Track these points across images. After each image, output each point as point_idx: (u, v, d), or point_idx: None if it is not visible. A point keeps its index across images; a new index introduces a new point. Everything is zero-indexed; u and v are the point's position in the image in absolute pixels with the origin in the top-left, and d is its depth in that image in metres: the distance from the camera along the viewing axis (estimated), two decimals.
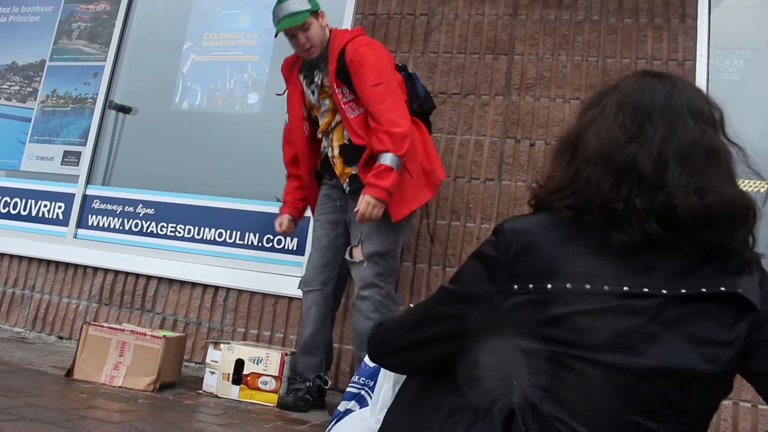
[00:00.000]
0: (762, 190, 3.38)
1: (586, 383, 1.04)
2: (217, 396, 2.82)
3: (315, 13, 2.88)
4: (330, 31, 2.95)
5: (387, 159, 2.66)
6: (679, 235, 1.07)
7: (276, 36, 2.91)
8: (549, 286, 1.07)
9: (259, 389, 2.81)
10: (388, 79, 2.79)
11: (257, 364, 2.83)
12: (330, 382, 2.98)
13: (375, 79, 2.75)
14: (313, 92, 2.96)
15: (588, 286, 1.06)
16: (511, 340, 1.09)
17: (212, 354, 2.91)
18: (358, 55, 2.79)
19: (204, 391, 2.87)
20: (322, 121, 2.94)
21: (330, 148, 2.93)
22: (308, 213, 3.22)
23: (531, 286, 1.08)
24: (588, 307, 1.05)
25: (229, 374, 2.85)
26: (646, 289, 1.06)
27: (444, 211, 3.40)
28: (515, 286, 1.09)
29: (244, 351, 2.87)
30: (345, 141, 2.88)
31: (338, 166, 2.90)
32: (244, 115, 4.04)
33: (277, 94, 3.15)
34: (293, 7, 2.84)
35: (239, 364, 2.85)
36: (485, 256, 1.15)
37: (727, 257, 1.10)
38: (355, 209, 2.67)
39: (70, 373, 2.72)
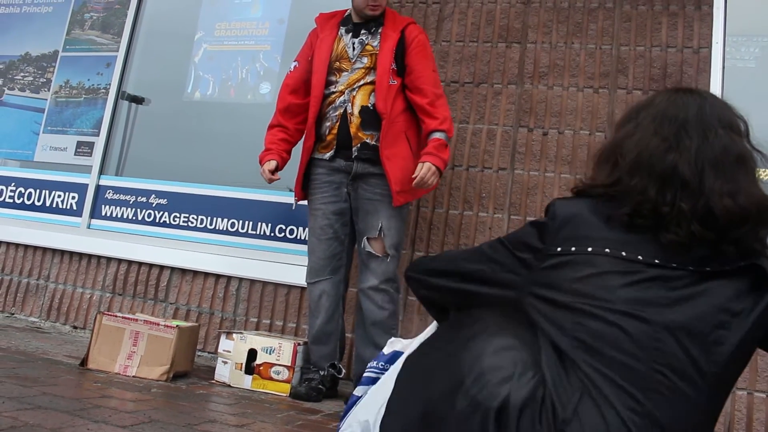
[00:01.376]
0: None
1: (615, 333, 1.15)
2: (229, 386, 2.83)
3: None
4: (385, 7, 3.04)
5: (442, 136, 2.83)
6: (717, 234, 1.20)
7: None
8: (589, 249, 1.23)
9: (271, 379, 2.82)
10: (438, 74, 3.05)
11: (270, 354, 2.84)
12: (344, 371, 2.99)
13: (434, 66, 3.00)
14: (353, 46, 2.97)
15: (624, 254, 1.21)
16: (547, 294, 1.25)
17: (225, 344, 2.92)
18: (423, 38, 3.00)
19: (216, 381, 2.88)
20: (351, 77, 2.92)
21: (351, 105, 2.90)
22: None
23: (573, 248, 1.25)
24: (621, 269, 1.20)
25: (241, 364, 2.86)
26: (674, 264, 1.20)
27: (456, 200, 3.39)
28: (559, 248, 1.26)
29: (257, 341, 2.88)
30: (369, 104, 2.89)
31: (354, 126, 2.88)
32: (256, 104, 4.03)
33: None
34: None
35: (252, 354, 2.86)
36: (538, 222, 1.34)
37: (755, 253, 1.23)
38: (414, 175, 2.75)
39: (84, 362, 2.74)
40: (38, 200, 4.36)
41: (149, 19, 4.45)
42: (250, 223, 3.79)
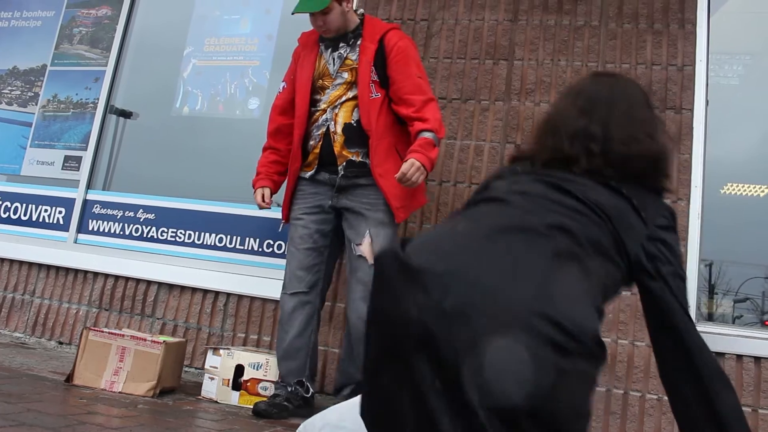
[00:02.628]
0: (762, 194, 3.39)
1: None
2: (216, 402, 2.82)
3: None
4: (363, 16, 2.98)
5: (430, 135, 2.73)
6: (615, 172, 1.55)
7: (293, 14, 2.91)
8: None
9: (259, 395, 2.81)
10: (425, 75, 2.94)
11: (257, 369, 2.83)
12: (312, 390, 2.86)
13: (418, 71, 2.87)
14: (333, 61, 2.92)
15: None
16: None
17: (211, 360, 2.91)
18: (403, 44, 2.88)
19: (203, 397, 2.86)
20: (333, 93, 2.88)
21: (333, 123, 2.86)
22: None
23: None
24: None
25: (228, 380, 2.84)
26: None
27: (444, 215, 3.40)
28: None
29: (244, 356, 2.87)
30: (352, 121, 2.84)
31: (338, 144, 2.84)
32: (245, 120, 4.04)
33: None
34: None
35: (239, 369, 2.85)
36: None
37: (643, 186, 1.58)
38: (402, 170, 2.66)
39: (70, 378, 2.72)
40: (25, 214, 4.33)
41: (138, 34, 4.46)
42: (238, 238, 3.78)
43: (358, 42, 2.90)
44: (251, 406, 2.77)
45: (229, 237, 3.80)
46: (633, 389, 3.00)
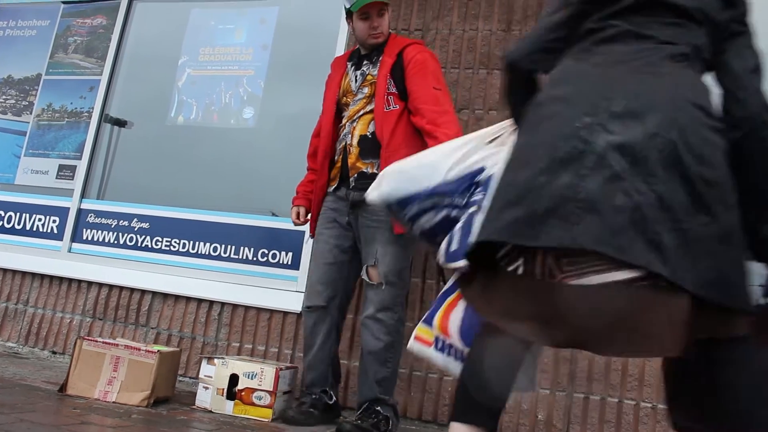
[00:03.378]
0: None
1: None
2: (211, 411, 2.81)
3: (387, 4, 2.99)
4: (390, 34, 3.06)
5: None
6: None
7: (354, 8, 2.94)
8: None
9: (253, 404, 2.80)
10: (446, 89, 2.94)
11: (252, 379, 2.82)
12: (335, 398, 2.96)
13: (436, 83, 2.87)
14: (356, 78, 2.99)
15: None
16: None
17: (206, 369, 2.90)
18: (422, 56, 2.92)
19: (198, 407, 2.85)
20: (353, 108, 2.95)
21: (350, 136, 2.92)
22: (303, 228, 3.23)
23: None
24: None
25: (223, 389, 2.84)
26: None
27: None
28: None
29: (239, 366, 2.86)
30: (368, 132, 2.89)
31: (352, 156, 2.90)
32: (240, 129, 4.05)
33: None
34: None
35: (233, 379, 2.84)
36: None
37: None
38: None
39: (63, 388, 2.71)
40: (18, 224, 4.33)
41: (133, 44, 4.47)
42: (233, 247, 3.78)
43: (380, 58, 2.96)
44: (245, 416, 2.77)
45: (223, 246, 3.80)
46: (627, 398, 3.01)
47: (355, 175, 2.88)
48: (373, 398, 2.75)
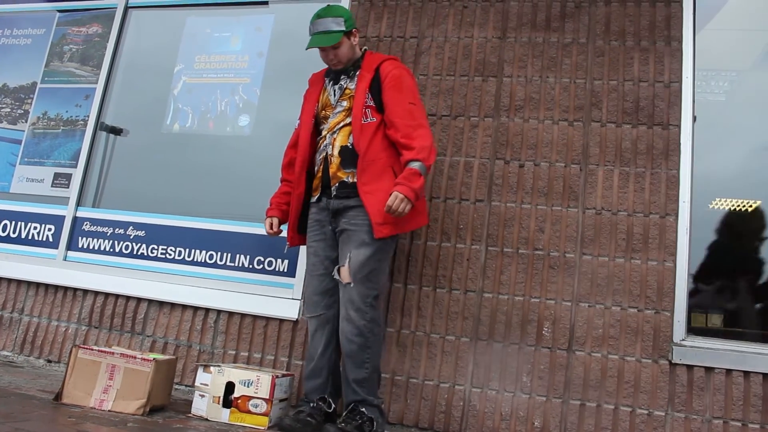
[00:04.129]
0: (750, 209, 3.41)
1: None
2: (207, 419, 2.80)
3: (349, 33, 3.03)
4: (365, 51, 3.13)
5: (416, 165, 2.79)
6: None
7: (307, 49, 3.06)
8: None
9: (249, 412, 2.80)
10: (420, 104, 3.01)
11: (248, 386, 2.82)
12: (334, 406, 2.95)
13: (411, 98, 2.95)
14: (334, 92, 3.05)
15: None
16: None
17: (202, 377, 2.90)
18: (397, 72, 2.98)
19: (194, 415, 2.85)
20: (333, 120, 3.01)
21: (331, 146, 2.98)
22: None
23: None
24: None
25: (219, 397, 2.83)
26: None
27: (434, 232, 3.41)
28: None
29: (235, 374, 2.86)
30: (348, 143, 2.94)
31: (333, 166, 2.96)
32: (235, 137, 4.05)
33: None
34: (329, 26, 3.01)
35: (229, 386, 2.84)
36: None
37: None
38: (387, 203, 2.74)
39: (58, 397, 2.70)
40: (14, 232, 4.32)
41: (129, 52, 4.47)
42: (229, 254, 3.78)
43: (357, 73, 3.03)
44: (241, 424, 2.76)
45: (219, 254, 3.80)
46: (623, 404, 3.01)
47: (337, 184, 2.95)
48: (357, 399, 2.77)
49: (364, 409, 2.76)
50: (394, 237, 2.93)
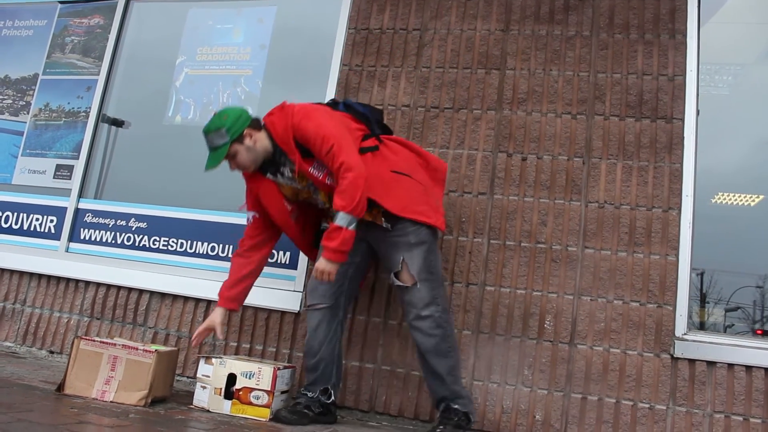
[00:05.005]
0: (753, 203, 3.41)
1: None
2: (208, 411, 2.81)
3: (239, 137, 2.87)
4: (269, 131, 2.92)
5: (337, 218, 2.67)
6: None
7: (206, 171, 2.98)
8: None
9: (251, 404, 2.80)
10: (331, 136, 2.75)
11: (249, 378, 2.82)
12: (334, 398, 2.95)
13: (323, 144, 2.73)
14: (292, 181, 2.96)
15: None
16: None
17: (203, 368, 2.90)
18: (301, 131, 2.79)
19: (195, 406, 2.85)
20: (322, 194, 2.95)
21: (324, 203, 2.98)
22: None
23: None
24: None
25: (221, 389, 2.83)
26: None
27: None
28: None
29: (237, 365, 2.86)
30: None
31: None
32: None
33: (240, 208, 3.21)
34: (215, 141, 2.91)
35: (231, 378, 2.84)
36: None
37: None
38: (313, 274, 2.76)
39: (61, 388, 2.70)
40: (16, 223, 4.32)
41: (130, 43, 4.46)
42: (231, 246, 3.78)
43: (285, 158, 2.91)
44: (243, 415, 2.76)
45: (221, 246, 3.80)
46: (625, 398, 3.01)
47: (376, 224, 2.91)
48: (446, 395, 2.78)
49: (456, 406, 2.77)
50: (434, 229, 2.91)
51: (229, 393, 2.83)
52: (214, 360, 2.89)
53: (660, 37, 3.37)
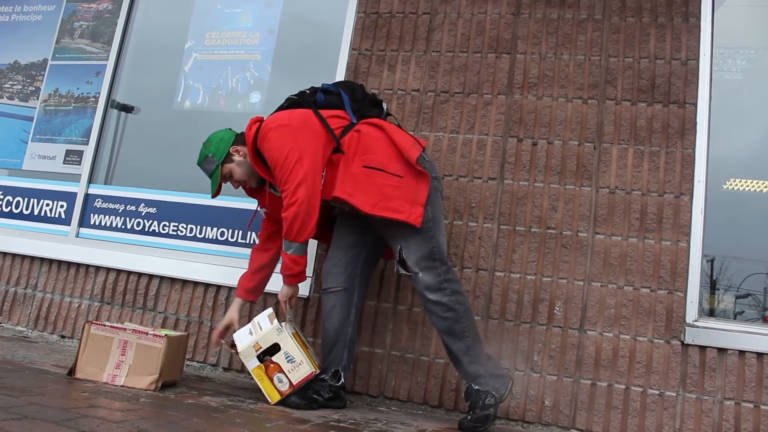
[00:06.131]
0: (765, 190, 3.38)
1: None
2: (236, 353, 2.83)
3: (226, 157, 3.04)
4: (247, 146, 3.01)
5: (286, 247, 2.82)
6: None
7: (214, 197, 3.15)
8: None
9: (271, 380, 2.78)
10: (285, 160, 2.79)
11: (288, 362, 2.78)
12: (343, 380, 2.94)
13: (275, 168, 2.84)
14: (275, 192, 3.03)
15: None
16: None
17: (263, 320, 2.84)
18: (264, 153, 2.90)
19: (228, 342, 2.89)
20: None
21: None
22: None
23: None
24: None
25: (261, 348, 2.79)
26: None
27: (446, 210, 3.39)
28: None
29: (287, 343, 2.78)
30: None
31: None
32: (247, 114, 4.02)
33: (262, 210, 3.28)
34: (207, 168, 3.08)
35: (274, 347, 2.80)
36: None
37: None
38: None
39: (72, 372, 2.72)
40: (26, 209, 4.33)
41: (139, 28, 4.45)
42: (240, 231, 3.78)
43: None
44: (255, 383, 2.77)
45: (231, 231, 3.80)
46: (634, 384, 3.00)
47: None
48: (467, 376, 2.78)
49: (477, 387, 2.75)
50: (428, 212, 2.83)
51: (263, 358, 2.81)
52: (276, 321, 2.82)
53: (673, 20, 3.33)
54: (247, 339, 2.83)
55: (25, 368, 2.76)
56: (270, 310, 2.90)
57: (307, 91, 3.11)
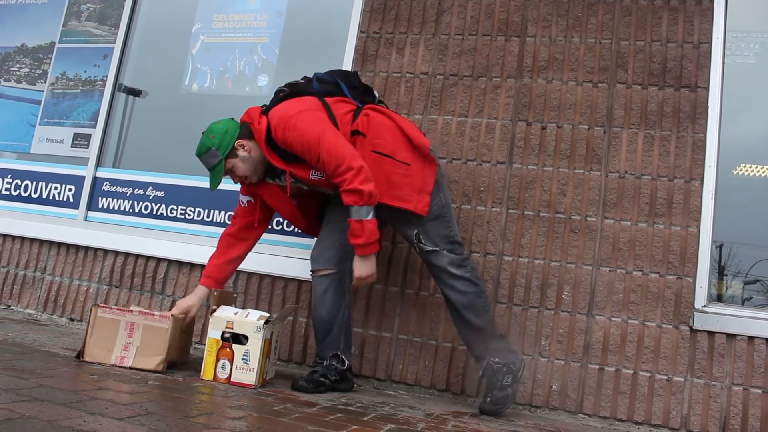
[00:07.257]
0: None
1: None
2: (211, 314, 2.82)
3: (231, 152, 2.88)
4: (259, 142, 2.88)
5: (352, 212, 2.65)
6: None
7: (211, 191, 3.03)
8: None
9: (217, 361, 2.69)
10: (320, 140, 2.69)
11: (243, 360, 2.72)
12: (348, 362, 2.95)
13: (313, 152, 2.70)
14: (297, 183, 2.93)
15: None
16: None
17: (254, 314, 2.77)
18: (287, 143, 2.75)
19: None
20: (327, 188, 2.95)
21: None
22: None
23: None
24: None
25: (232, 328, 2.72)
26: None
27: (455, 194, 3.38)
28: None
29: (255, 346, 2.70)
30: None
31: None
32: (254, 97, 4.01)
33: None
34: (209, 161, 2.92)
35: (243, 339, 2.76)
36: None
37: None
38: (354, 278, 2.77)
39: (80, 355, 2.73)
40: (35, 192, 4.34)
41: (146, 11, 4.43)
42: None
43: (279, 175, 2.95)
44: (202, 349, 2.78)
45: None
46: (642, 369, 2.99)
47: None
48: (484, 350, 2.81)
49: (497, 359, 2.79)
50: (438, 196, 2.85)
51: (226, 337, 2.75)
52: (261, 323, 2.72)
53: (686, 3, 3.28)
54: (228, 312, 2.81)
55: (35, 351, 2.77)
56: (266, 316, 2.80)
57: (302, 81, 3.05)
